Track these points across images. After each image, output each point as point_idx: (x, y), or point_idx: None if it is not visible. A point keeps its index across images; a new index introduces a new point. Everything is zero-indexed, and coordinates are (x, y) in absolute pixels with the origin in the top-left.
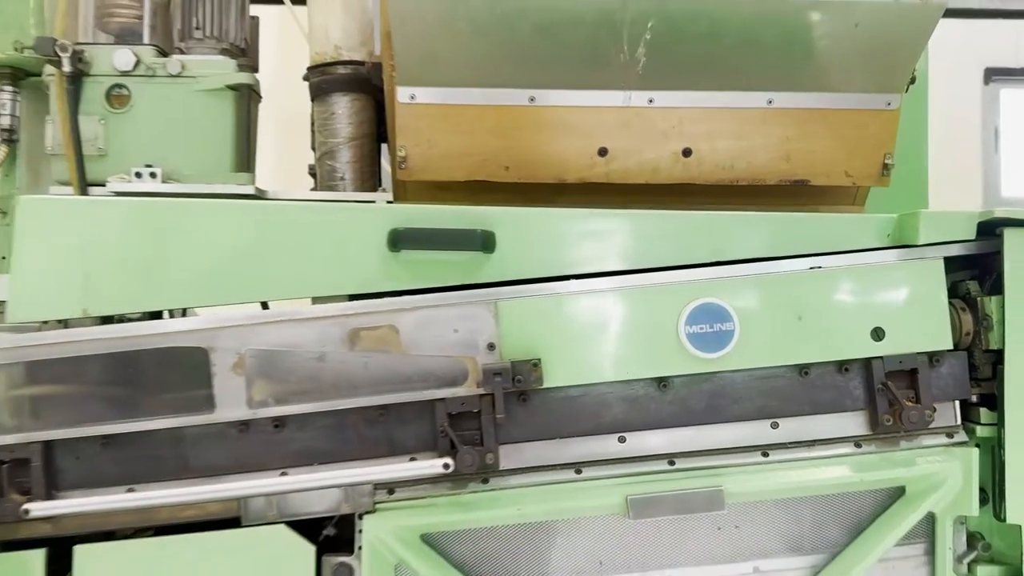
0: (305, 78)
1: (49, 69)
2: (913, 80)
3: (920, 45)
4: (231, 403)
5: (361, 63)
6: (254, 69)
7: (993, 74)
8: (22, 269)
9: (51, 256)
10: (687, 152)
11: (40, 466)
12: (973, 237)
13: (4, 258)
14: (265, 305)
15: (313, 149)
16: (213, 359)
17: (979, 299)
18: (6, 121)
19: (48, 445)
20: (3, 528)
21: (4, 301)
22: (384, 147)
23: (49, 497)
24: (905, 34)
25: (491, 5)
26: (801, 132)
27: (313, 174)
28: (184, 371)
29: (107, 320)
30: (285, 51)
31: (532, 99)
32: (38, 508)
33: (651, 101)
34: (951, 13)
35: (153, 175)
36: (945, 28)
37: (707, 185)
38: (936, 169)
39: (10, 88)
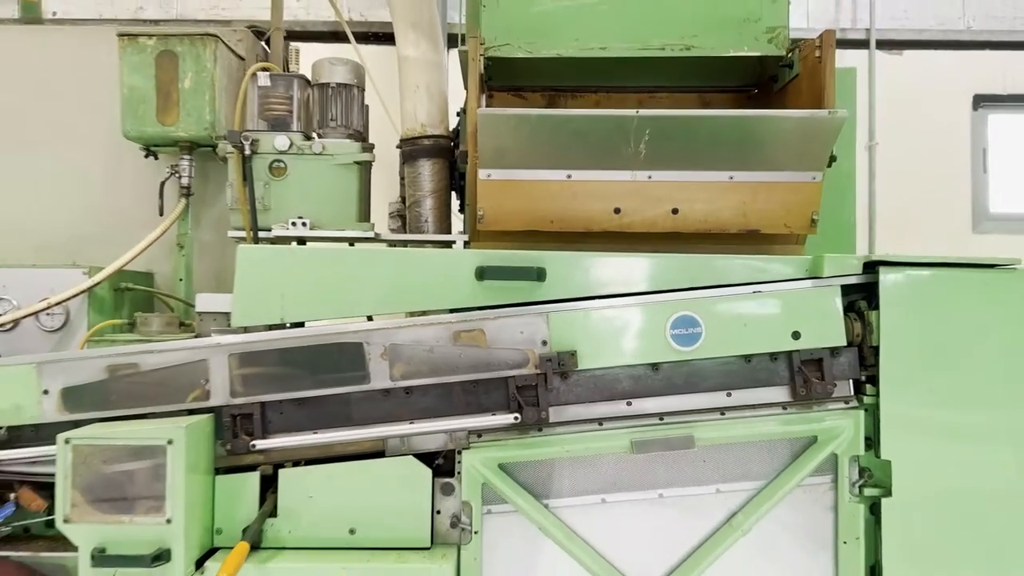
0: (398, 147)
1: (228, 148)
2: (834, 159)
3: (831, 140)
4: (379, 378)
5: (440, 136)
6: (371, 148)
7: (981, 100)
8: (241, 291)
9: (260, 283)
10: (675, 211)
11: (259, 418)
12: (860, 272)
13: (181, 280)
14: (370, 317)
15: (402, 200)
16: (367, 350)
17: (866, 312)
18: (185, 181)
19: (263, 404)
20: (234, 458)
21: (201, 312)
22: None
23: (264, 438)
24: (820, 133)
25: (544, 119)
26: (753, 197)
27: (401, 216)
28: (349, 357)
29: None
30: None
31: (569, 176)
32: (261, 444)
33: (650, 177)
34: (944, 45)
35: (304, 224)
36: (938, 58)
37: (689, 233)
38: (930, 187)
39: (188, 157)
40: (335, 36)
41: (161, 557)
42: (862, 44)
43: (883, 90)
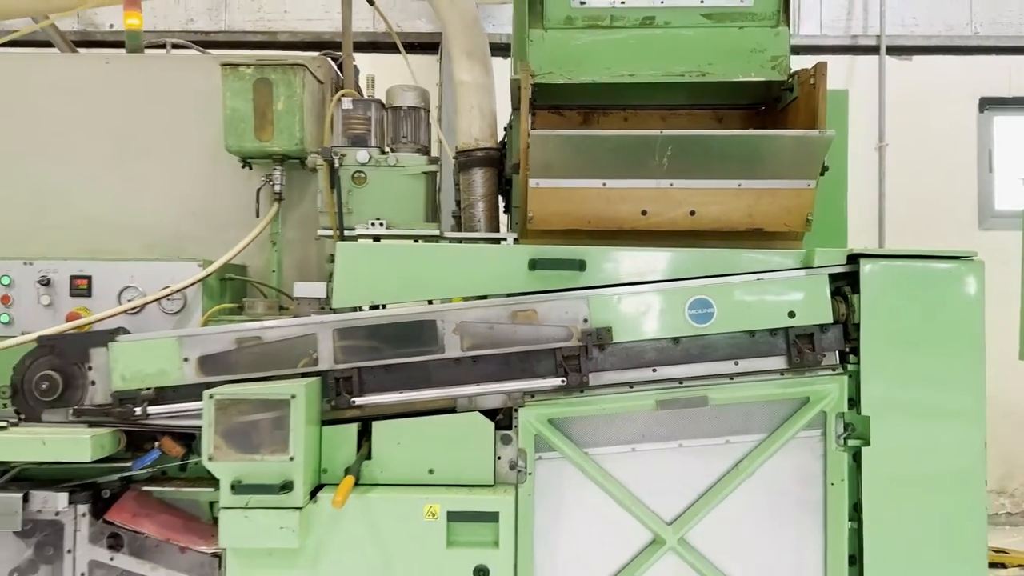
0: (455, 157)
1: (318, 160)
2: (826, 168)
3: (822, 154)
4: (451, 348)
5: (491, 148)
6: (436, 160)
7: (987, 103)
8: (341, 279)
9: (354, 273)
10: (692, 212)
11: (357, 380)
12: (844, 263)
13: (274, 271)
14: (430, 301)
15: (457, 204)
16: (441, 326)
17: (849, 296)
18: (277, 188)
19: (360, 370)
20: (336, 412)
21: (298, 297)
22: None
23: (361, 396)
24: (812, 149)
25: (584, 139)
26: (758, 201)
27: (457, 218)
28: (427, 332)
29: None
30: None
31: (604, 184)
32: (359, 401)
33: (671, 184)
34: (951, 50)
35: (382, 224)
36: (945, 63)
37: (704, 231)
38: (938, 185)
39: (280, 168)
40: (374, 47)
41: (286, 487)
42: (873, 50)
43: (893, 94)
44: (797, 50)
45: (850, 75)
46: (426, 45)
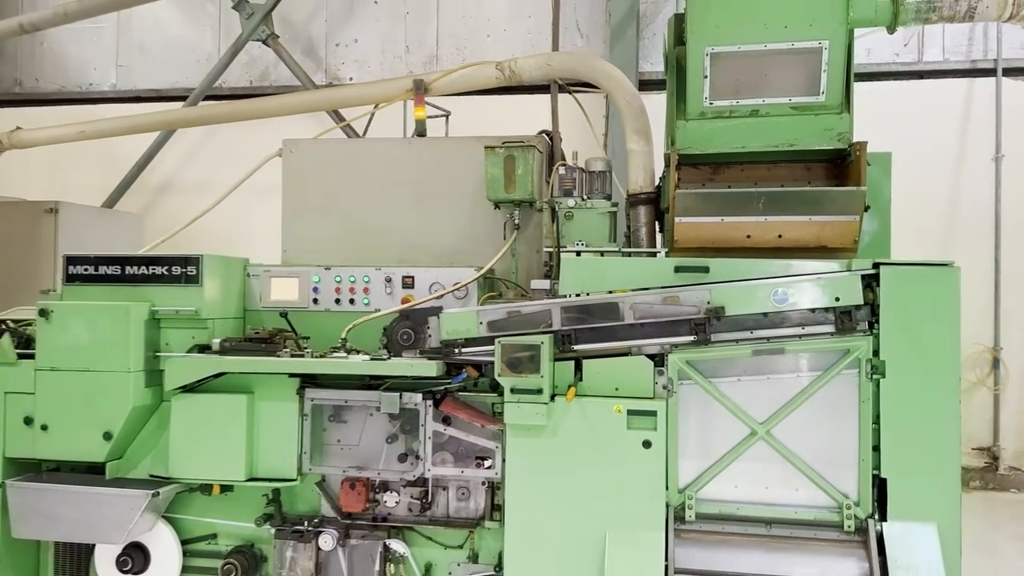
0: (627, 199)
1: (545, 205)
2: (868, 207)
3: (862, 201)
4: (628, 317)
5: (651, 192)
6: (616, 204)
7: None
8: (564, 278)
9: (571, 274)
10: (780, 236)
11: (573, 336)
12: (871, 268)
13: (514, 272)
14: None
15: (628, 227)
16: (622, 306)
17: (874, 287)
18: (517, 222)
19: (576, 330)
20: (561, 352)
21: (534, 289)
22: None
23: (576, 345)
24: (855, 198)
25: (710, 194)
26: (823, 228)
27: (627, 236)
28: (613, 309)
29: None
30: None
31: (722, 219)
32: (576, 347)
33: (766, 219)
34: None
35: (583, 244)
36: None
37: (788, 248)
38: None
39: (517, 209)
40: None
41: (539, 391)
42: (991, 72)
43: (1009, 110)
44: (922, 75)
45: (969, 94)
46: (590, 85)
